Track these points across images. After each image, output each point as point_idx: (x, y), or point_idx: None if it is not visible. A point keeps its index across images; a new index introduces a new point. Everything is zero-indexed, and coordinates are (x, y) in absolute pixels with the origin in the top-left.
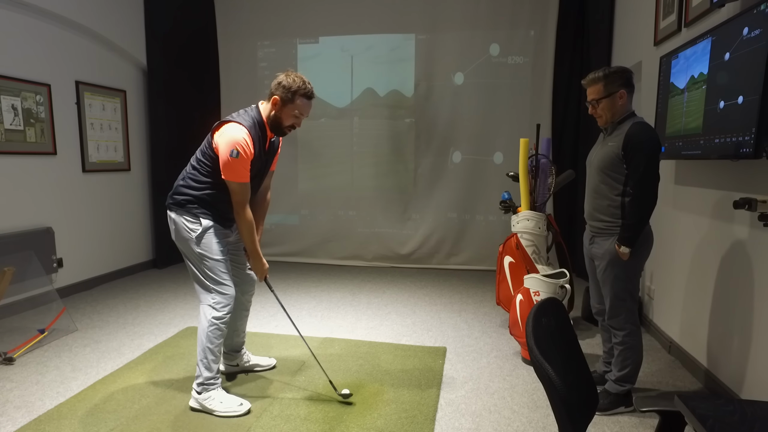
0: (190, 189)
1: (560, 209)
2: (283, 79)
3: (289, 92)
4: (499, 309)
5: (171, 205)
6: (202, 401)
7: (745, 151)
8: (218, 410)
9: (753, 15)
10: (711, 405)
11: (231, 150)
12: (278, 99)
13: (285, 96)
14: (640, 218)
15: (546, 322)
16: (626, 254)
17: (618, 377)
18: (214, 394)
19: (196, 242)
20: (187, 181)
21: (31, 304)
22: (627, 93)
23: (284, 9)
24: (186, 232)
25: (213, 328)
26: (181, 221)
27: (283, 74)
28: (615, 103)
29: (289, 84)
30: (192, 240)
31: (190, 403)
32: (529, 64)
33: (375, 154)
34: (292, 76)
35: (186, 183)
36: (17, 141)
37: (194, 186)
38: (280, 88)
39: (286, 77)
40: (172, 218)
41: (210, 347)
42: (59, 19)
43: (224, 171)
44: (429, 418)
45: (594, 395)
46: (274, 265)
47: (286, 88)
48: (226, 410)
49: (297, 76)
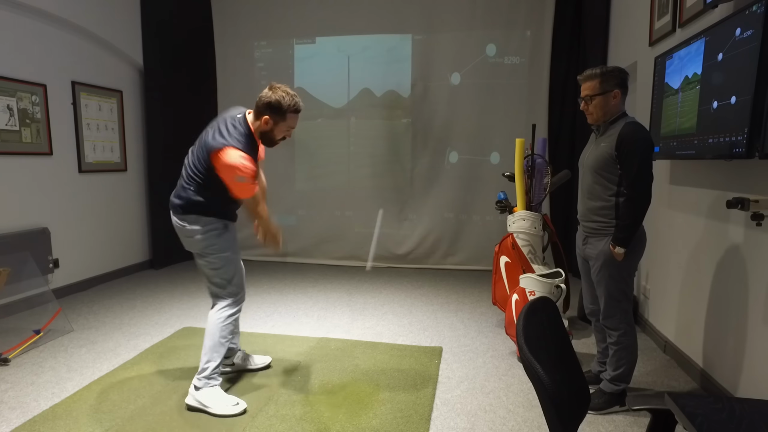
0: (199, 195)
1: (556, 209)
2: (271, 97)
3: (279, 112)
4: (495, 309)
5: (183, 209)
6: (199, 398)
7: (738, 151)
8: (214, 409)
9: (746, 16)
10: (700, 403)
11: (235, 177)
12: (269, 119)
13: (275, 116)
14: (634, 219)
15: (537, 321)
16: (621, 255)
17: (613, 377)
18: (212, 392)
19: (216, 240)
20: (194, 187)
21: (27, 304)
22: (621, 93)
23: (281, 9)
24: (204, 233)
25: (227, 323)
26: (198, 223)
27: (268, 91)
28: (608, 101)
29: (277, 103)
30: (212, 238)
31: (187, 400)
32: (526, 65)
33: (372, 155)
34: (279, 93)
35: (194, 189)
36: (13, 141)
37: (202, 192)
38: (269, 108)
39: (273, 94)
40: (184, 222)
41: (222, 342)
42: (55, 19)
43: (236, 192)
44: (425, 417)
45: (585, 394)
46: (271, 266)
47: (275, 108)
48: (222, 409)
49: (283, 91)
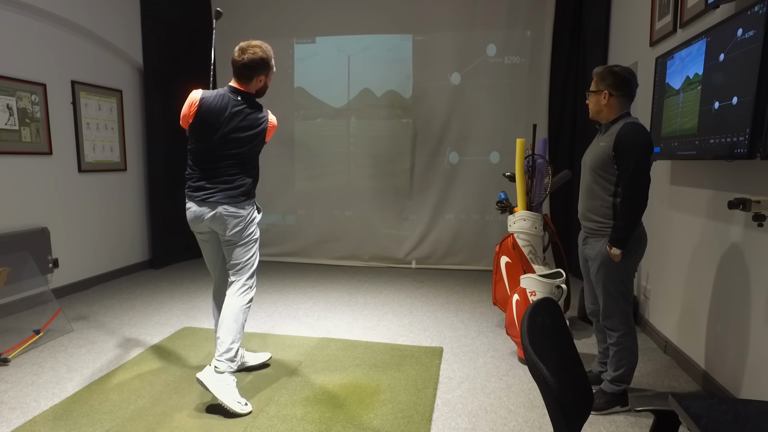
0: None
1: (557, 209)
2: (249, 59)
3: (267, 66)
4: (496, 309)
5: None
6: (217, 382)
7: (740, 152)
8: (225, 399)
9: (747, 16)
10: (704, 404)
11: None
12: (262, 77)
13: (267, 72)
14: (629, 219)
15: (541, 322)
16: (617, 256)
17: (613, 377)
18: (230, 384)
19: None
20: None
21: (27, 304)
22: (611, 96)
23: (281, 9)
24: (247, 220)
25: (249, 306)
26: (246, 209)
27: (243, 54)
28: (599, 101)
29: (263, 59)
30: (252, 224)
31: (202, 377)
32: (526, 65)
33: (372, 155)
34: (255, 50)
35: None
36: (12, 141)
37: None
38: (262, 67)
39: (253, 54)
40: (232, 211)
41: (244, 323)
42: (55, 18)
43: None
44: (425, 417)
45: (589, 394)
46: (271, 266)
47: (265, 64)
48: (231, 403)
49: (255, 46)
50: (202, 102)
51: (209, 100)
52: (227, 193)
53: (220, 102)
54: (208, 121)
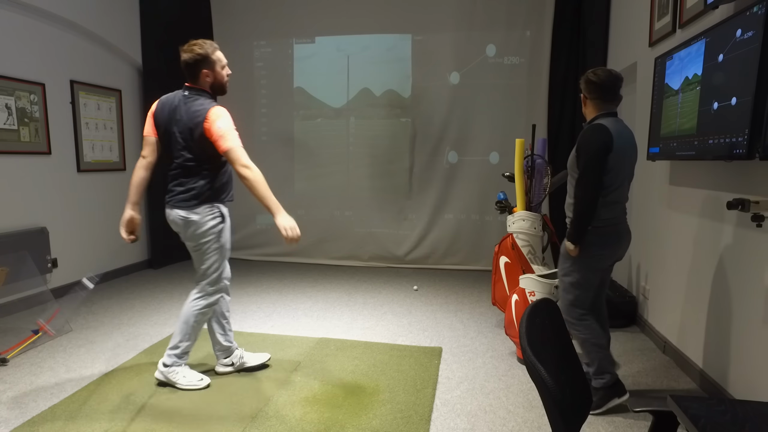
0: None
1: (556, 209)
2: (192, 55)
3: (207, 60)
4: (495, 309)
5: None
6: (167, 374)
7: (739, 152)
8: (181, 383)
9: (746, 17)
10: (703, 405)
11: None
12: (207, 72)
13: (208, 66)
14: (576, 216)
15: (540, 323)
16: (572, 250)
17: (593, 372)
18: (180, 369)
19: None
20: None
21: (25, 304)
22: (587, 99)
23: (280, 9)
24: (201, 226)
25: (204, 312)
26: (199, 214)
27: (186, 53)
28: (583, 102)
29: (200, 55)
30: (210, 233)
31: (156, 375)
32: (525, 65)
33: (371, 155)
34: (193, 48)
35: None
36: (11, 140)
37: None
38: (199, 64)
39: (190, 53)
40: (183, 216)
41: (197, 326)
42: (54, 17)
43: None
44: (424, 418)
45: (588, 395)
46: (270, 266)
47: (203, 60)
48: (188, 384)
49: (192, 44)
50: (156, 104)
51: (161, 100)
52: (179, 196)
53: (168, 99)
54: (158, 121)
